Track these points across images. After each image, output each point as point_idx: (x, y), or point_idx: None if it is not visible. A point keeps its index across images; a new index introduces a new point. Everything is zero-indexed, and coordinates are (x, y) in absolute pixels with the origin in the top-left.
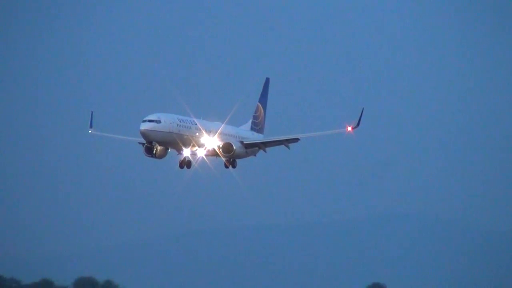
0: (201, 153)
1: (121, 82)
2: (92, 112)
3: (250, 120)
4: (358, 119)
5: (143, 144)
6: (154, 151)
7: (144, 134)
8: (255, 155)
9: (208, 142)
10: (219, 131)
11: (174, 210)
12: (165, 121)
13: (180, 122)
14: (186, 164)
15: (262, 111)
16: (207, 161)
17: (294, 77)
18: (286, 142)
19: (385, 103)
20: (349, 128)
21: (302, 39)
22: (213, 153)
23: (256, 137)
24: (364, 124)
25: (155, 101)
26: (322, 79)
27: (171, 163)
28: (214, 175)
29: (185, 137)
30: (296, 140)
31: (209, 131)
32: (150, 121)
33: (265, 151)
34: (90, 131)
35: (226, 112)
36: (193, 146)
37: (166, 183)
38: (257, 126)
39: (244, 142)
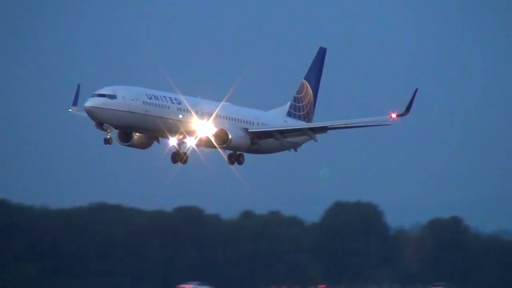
0: (191, 142)
1: (111, 50)
2: (79, 85)
3: (289, 103)
4: (408, 103)
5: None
6: (108, 136)
7: (90, 113)
8: (295, 150)
9: (199, 127)
10: (214, 112)
11: None
12: (123, 97)
13: (150, 98)
14: (181, 157)
15: (310, 91)
16: (200, 153)
17: (353, 48)
18: (311, 132)
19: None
20: (394, 115)
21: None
22: (209, 144)
23: (284, 125)
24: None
25: (147, 73)
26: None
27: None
28: (210, 173)
29: (159, 119)
30: (323, 130)
31: (200, 113)
32: (100, 95)
33: (284, 143)
34: (70, 110)
35: (257, 91)
36: (179, 133)
37: (154, 180)
38: (300, 111)
39: (250, 130)
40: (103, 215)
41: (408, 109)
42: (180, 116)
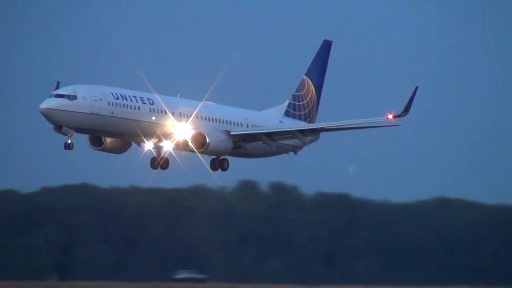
0: (168, 146)
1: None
2: (58, 82)
3: (287, 101)
4: (407, 102)
5: None
6: (69, 141)
7: (46, 116)
8: (295, 153)
9: (176, 130)
10: (193, 113)
11: None
12: (84, 97)
13: (117, 99)
14: (160, 162)
15: (313, 88)
16: (178, 158)
17: (359, 42)
18: (301, 134)
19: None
20: (390, 116)
21: None
22: (187, 148)
23: (274, 126)
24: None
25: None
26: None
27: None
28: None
29: (129, 122)
30: (315, 132)
31: (178, 114)
32: (58, 96)
33: (272, 147)
34: None
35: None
36: (153, 136)
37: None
38: (300, 110)
39: (232, 133)
40: (444, 209)
41: (407, 109)
42: (153, 117)
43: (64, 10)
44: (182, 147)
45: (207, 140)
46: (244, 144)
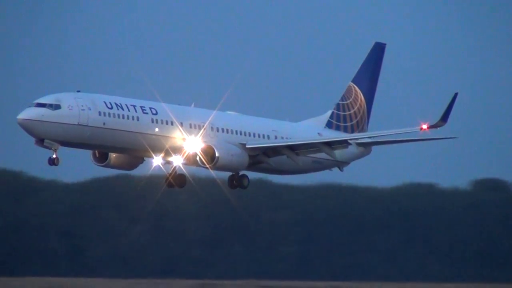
0: (178, 162)
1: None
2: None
3: (330, 112)
4: (445, 110)
5: None
6: (54, 156)
7: (24, 127)
8: (340, 169)
9: (184, 143)
10: (205, 124)
11: None
12: (70, 106)
13: (111, 108)
14: (176, 180)
15: (362, 97)
16: (191, 173)
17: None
18: (327, 147)
19: None
20: (425, 127)
21: None
22: (198, 163)
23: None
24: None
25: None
26: None
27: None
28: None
29: (125, 134)
30: (344, 144)
31: (187, 125)
32: (39, 105)
33: (297, 162)
34: None
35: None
36: (158, 150)
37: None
38: (346, 122)
39: (248, 146)
40: None
41: (444, 118)
42: (157, 129)
43: (69, 13)
44: (192, 162)
45: (217, 154)
46: (267, 159)
